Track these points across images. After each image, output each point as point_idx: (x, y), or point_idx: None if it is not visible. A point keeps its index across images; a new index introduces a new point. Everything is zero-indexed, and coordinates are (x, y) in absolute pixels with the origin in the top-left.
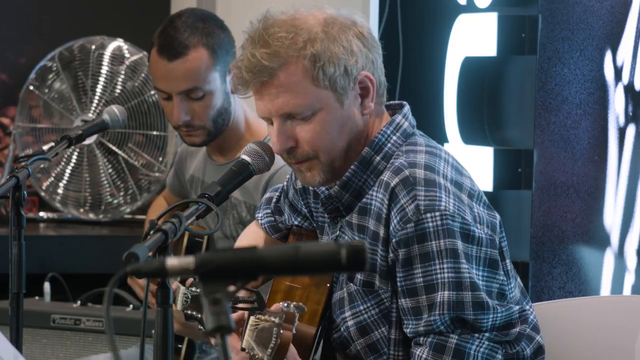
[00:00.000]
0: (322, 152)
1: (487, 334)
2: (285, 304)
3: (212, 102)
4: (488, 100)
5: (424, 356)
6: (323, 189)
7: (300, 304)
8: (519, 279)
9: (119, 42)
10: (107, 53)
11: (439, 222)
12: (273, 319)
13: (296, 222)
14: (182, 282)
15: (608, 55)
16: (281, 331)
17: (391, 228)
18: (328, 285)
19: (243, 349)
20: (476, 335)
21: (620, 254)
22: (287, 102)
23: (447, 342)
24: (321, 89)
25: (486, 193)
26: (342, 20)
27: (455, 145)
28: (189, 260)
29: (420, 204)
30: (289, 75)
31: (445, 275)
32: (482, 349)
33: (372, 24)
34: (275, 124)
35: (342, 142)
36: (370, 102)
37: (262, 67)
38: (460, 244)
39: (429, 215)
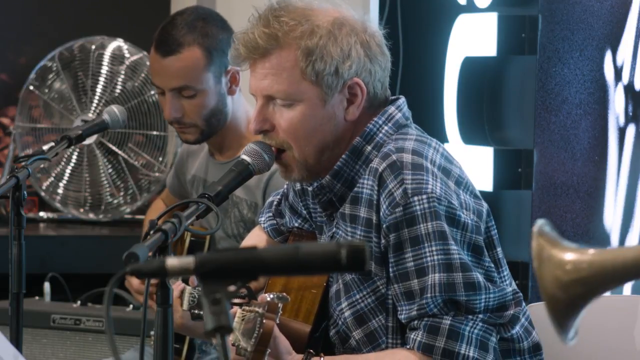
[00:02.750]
0: (295, 145)
1: (480, 315)
2: (270, 295)
3: (204, 102)
4: (488, 100)
5: (418, 339)
6: (315, 183)
7: (284, 294)
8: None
9: (119, 42)
10: (107, 53)
11: (426, 205)
12: (257, 310)
13: (296, 224)
14: (186, 282)
15: (608, 55)
16: (264, 321)
17: (381, 213)
18: (324, 284)
19: (232, 343)
20: (470, 316)
21: None
22: (271, 84)
23: (441, 323)
24: (307, 82)
25: (486, 193)
26: (353, 24)
27: (455, 145)
28: (188, 260)
29: (408, 187)
30: (281, 61)
31: (435, 257)
32: (476, 330)
33: (375, 25)
34: (258, 103)
35: (317, 140)
36: (356, 110)
37: (257, 45)
38: (446, 227)
39: (416, 198)
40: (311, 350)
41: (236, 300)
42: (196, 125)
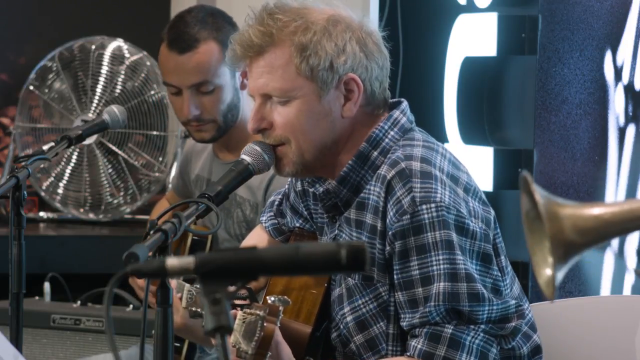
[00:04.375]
0: (294, 140)
1: (482, 326)
2: (272, 298)
3: (222, 97)
4: (488, 100)
5: (419, 346)
6: (320, 189)
7: (285, 297)
8: (517, 280)
9: (119, 42)
10: (107, 53)
11: (434, 214)
12: (258, 312)
13: (298, 224)
14: (186, 280)
15: (608, 55)
16: (265, 324)
17: (388, 220)
18: (325, 285)
19: (232, 345)
20: (472, 326)
21: (620, 254)
22: (267, 83)
23: (443, 332)
24: (302, 78)
25: (486, 193)
26: (349, 22)
27: (455, 145)
28: (189, 260)
29: (416, 195)
30: (275, 58)
31: (441, 266)
32: (477, 341)
33: (374, 25)
34: (256, 102)
35: (315, 136)
36: (352, 106)
37: (252, 43)
38: (454, 236)
39: (424, 206)
40: (310, 358)
41: (237, 302)
42: (214, 121)
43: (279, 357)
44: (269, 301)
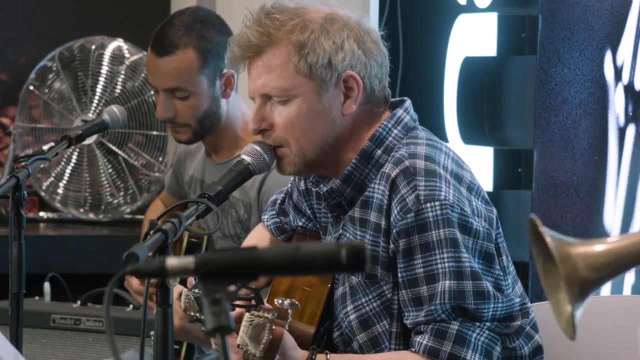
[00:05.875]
0: (293, 140)
1: (487, 324)
2: (280, 301)
3: (197, 104)
4: (488, 100)
5: (424, 342)
6: (324, 188)
7: (294, 300)
8: (519, 280)
9: (119, 42)
10: (107, 53)
11: (438, 212)
12: (266, 315)
13: (300, 223)
14: (183, 283)
15: (608, 55)
16: (273, 327)
17: (392, 218)
18: (329, 286)
19: (239, 346)
20: (477, 324)
21: None
22: (266, 83)
23: (449, 328)
24: (301, 76)
25: (486, 193)
26: (346, 20)
27: (455, 145)
28: (189, 260)
29: (421, 194)
30: (274, 57)
31: (446, 264)
32: (482, 338)
33: (372, 24)
34: (256, 103)
35: (315, 134)
36: (352, 104)
37: (250, 43)
38: (458, 234)
39: (429, 205)
40: (316, 348)
41: (243, 303)
42: (189, 125)
43: (282, 346)
44: (277, 304)
